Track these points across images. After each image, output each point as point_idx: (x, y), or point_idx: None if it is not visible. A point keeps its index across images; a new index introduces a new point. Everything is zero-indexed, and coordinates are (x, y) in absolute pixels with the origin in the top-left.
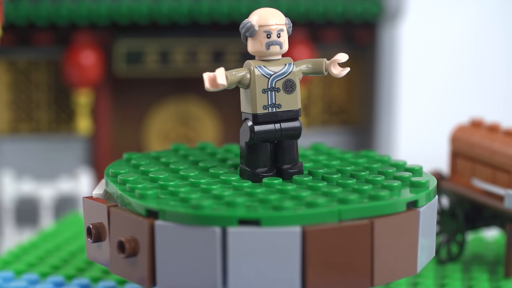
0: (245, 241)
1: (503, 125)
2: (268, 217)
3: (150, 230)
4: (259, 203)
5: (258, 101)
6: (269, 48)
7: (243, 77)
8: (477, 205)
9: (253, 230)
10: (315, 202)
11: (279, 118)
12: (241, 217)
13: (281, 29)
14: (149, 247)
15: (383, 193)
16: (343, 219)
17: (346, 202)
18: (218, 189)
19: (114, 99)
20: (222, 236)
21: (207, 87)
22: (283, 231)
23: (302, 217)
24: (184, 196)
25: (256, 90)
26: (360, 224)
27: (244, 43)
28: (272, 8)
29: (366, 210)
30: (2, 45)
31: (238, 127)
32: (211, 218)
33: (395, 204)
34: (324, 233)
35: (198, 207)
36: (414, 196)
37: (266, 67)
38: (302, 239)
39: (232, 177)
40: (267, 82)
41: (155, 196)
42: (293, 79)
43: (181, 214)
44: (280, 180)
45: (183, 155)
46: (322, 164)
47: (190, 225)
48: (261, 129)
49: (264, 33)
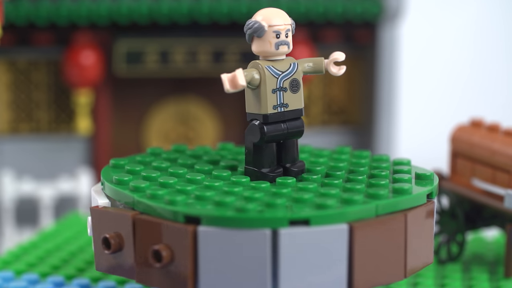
0: (296, 241)
1: (503, 125)
2: (317, 216)
3: (193, 236)
4: (296, 203)
5: (268, 101)
6: (278, 48)
7: (252, 78)
8: (477, 205)
9: (304, 230)
10: (352, 199)
11: (286, 117)
12: (292, 218)
13: (288, 29)
14: (191, 254)
15: (407, 187)
16: (379, 214)
17: (378, 197)
18: (242, 191)
19: (114, 99)
20: (272, 237)
21: (227, 89)
22: (332, 229)
23: (346, 214)
24: (219, 200)
25: (266, 90)
26: (396, 217)
27: (249, 43)
28: (276, 8)
29: (397, 204)
30: (2, 45)
31: (238, 127)
32: (260, 221)
33: (418, 196)
34: (368, 228)
35: (243, 210)
36: (430, 188)
37: (274, 67)
38: (349, 236)
39: (242, 179)
40: (276, 82)
41: (184, 201)
42: (298, 79)
43: (226, 219)
44: (293, 180)
45: (165, 158)
46: (309, 161)
47: (235, 228)
48: (272, 129)
49: (274, 33)
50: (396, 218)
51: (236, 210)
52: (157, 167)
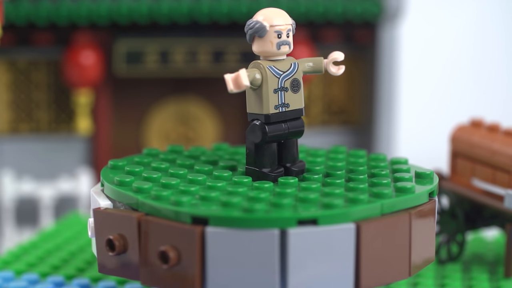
0: (304, 241)
1: (503, 125)
2: (325, 216)
3: (200, 237)
4: (302, 202)
5: (270, 101)
6: (280, 48)
7: (254, 78)
8: (477, 205)
9: (312, 230)
10: (358, 198)
11: (287, 117)
12: (301, 218)
13: (289, 29)
14: (199, 255)
15: (410, 186)
16: (384, 213)
17: (383, 196)
18: (246, 191)
19: (114, 99)
20: (280, 237)
21: (231, 89)
22: (339, 228)
23: (352, 213)
24: (226, 201)
25: (268, 90)
26: (401, 215)
27: (250, 43)
28: (277, 8)
29: (402, 203)
30: (2, 45)
31: (238, 127)
32: (268, 221)
33: (421, 195)
34: (375, 226)
35: (250, 211)
36: (432, 187)
37: (275, 67)
38: (356, 235)
39: (244, 179)
40: (278, 82)
41: (190, 202)
42: (299, 79)
43: (233, 219)
44: (296, 180)
45: (163, 159)
46: (307, 161)
47: (243, 229)
48: (273, 129)
49: (275, 33)
50: (401, 217)
51: (244, 210)
52: (157, 167)
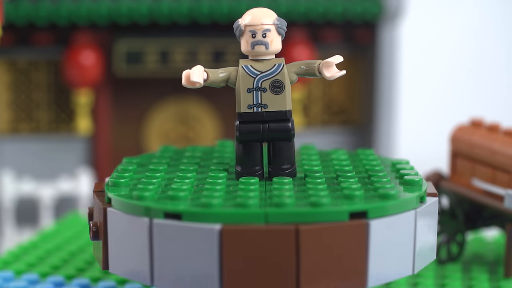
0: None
1: (503, 125)
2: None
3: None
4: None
5: (242, 100)
6: (254, 47)
7: (230, 76)
8: (477, 205)
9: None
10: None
11: (266, 118)
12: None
13: (267, 29)
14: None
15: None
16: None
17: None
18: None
19: (114, 99)
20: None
21: (183, 83)
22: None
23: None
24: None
25: (240, 89)
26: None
27: None
28: (264, 8)
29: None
30: (2, 45)
31: None
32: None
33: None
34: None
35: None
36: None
37: (252, 67)
38: (219, 238)
39: (220, 174)
40: (253, 81)
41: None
42: (282, 80)
43: (127, 204)
44: (256, 180)
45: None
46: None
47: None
48: (247, 129)
49: (250, 33)
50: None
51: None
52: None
